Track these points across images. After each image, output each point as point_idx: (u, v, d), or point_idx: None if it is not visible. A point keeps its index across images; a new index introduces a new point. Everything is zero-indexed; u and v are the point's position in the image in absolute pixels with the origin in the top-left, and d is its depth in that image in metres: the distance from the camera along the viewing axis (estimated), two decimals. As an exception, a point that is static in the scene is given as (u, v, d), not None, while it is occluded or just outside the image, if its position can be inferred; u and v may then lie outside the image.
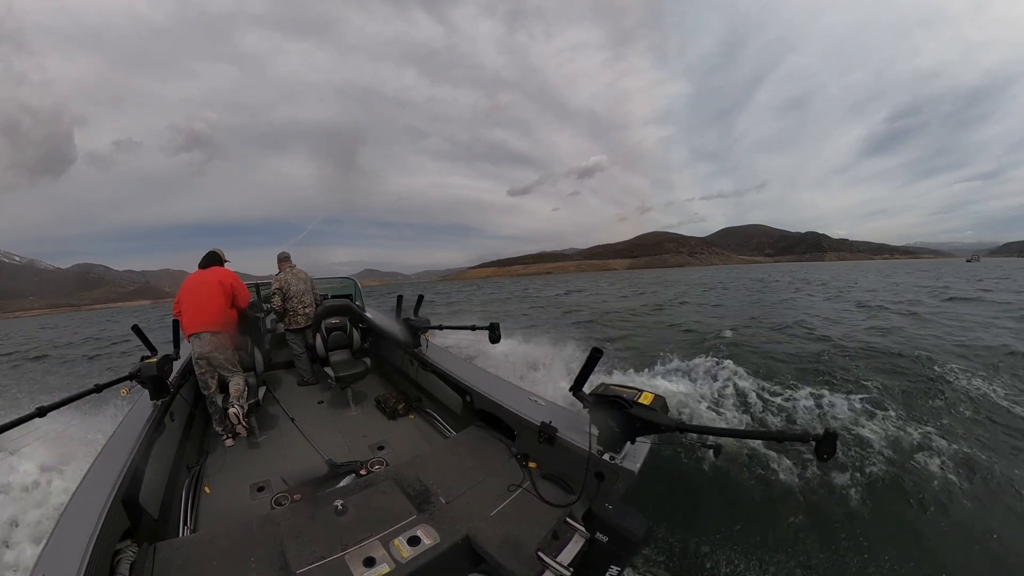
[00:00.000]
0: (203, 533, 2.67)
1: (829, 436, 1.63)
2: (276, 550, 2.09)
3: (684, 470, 4.26)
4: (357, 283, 7.30)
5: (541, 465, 2.67)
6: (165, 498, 3.00)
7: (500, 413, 3.06)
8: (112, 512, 2.05)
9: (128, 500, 2.35)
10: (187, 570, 2.00)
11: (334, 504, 2.39)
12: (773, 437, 1.81)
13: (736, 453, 4.36)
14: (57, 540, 1.86)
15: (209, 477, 3.39)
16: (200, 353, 3.75)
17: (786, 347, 8.83)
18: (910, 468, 4.25)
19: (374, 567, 1.96)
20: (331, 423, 4.26)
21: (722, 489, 4.07)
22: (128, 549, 2.07)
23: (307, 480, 3.19)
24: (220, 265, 4.16)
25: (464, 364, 3.90)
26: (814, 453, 1.67)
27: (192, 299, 3.84)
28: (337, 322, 4.80)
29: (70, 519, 1.99)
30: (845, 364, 7.38)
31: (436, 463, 2.83)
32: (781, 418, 5.52)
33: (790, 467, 4.20)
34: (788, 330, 10.78)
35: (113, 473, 2.33)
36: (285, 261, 5.20)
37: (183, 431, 3.85)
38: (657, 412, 2.08)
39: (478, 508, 2.35)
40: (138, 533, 2.34)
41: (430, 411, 4.20)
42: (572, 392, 2.42)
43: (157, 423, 3.13)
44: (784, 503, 3.86)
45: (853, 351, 8.25)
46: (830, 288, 25.81)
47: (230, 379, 3.85)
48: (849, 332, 10.32)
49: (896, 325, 11.26)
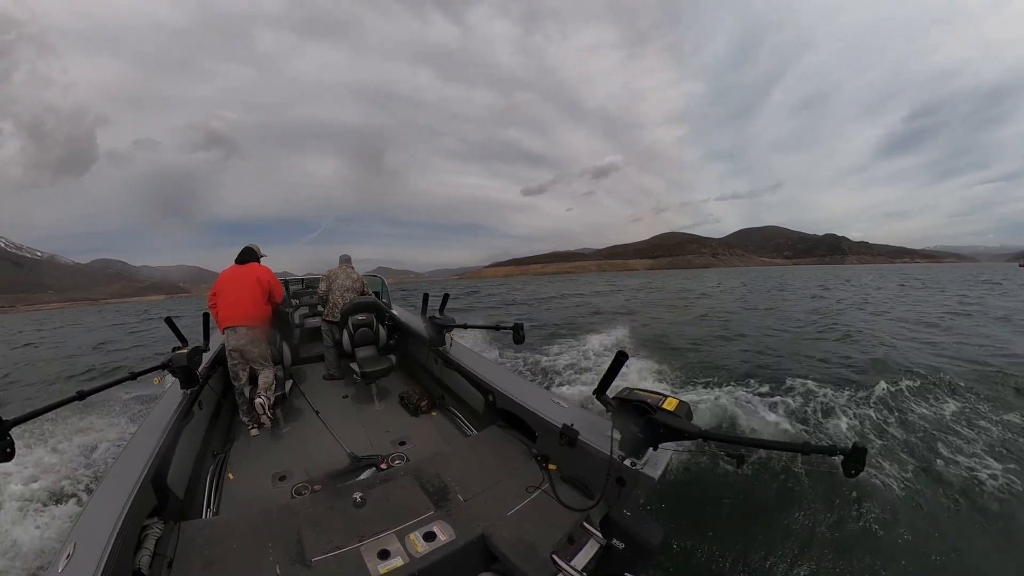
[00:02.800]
0: (224, 516, 2.80)
1: (858, 451, 1.54)
2: (293, 537, 2.15)
3: (704, 479, 4.12)
4: (384, 281, 7.45)
5: (561, 467, 2.63)
6: (191, 481, 3.10)
7: (522, 414, 3.02)
8: (142, 491, 2.17)
9: (157, 481, 2.47)
10: (207, 549, 2.09)
11: (353, 496, 2.42)
12: (798, 449, 1.74)
13: (759, 464, 4.19)
14: (90, 512, 2.00)
15: (233, 464, 3.47)
16: (234, 346, 3.82)
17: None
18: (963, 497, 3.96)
19: (388, 560, 1.98)
20: (355, 417, 4.28)
21: (743, 501, 3.91)
22: (155, 525, 2.18)
23: (328, 472, 3.21)
24: (256, 261, 4.23)
25: (488, 363, 3.88)
26: (841, 468, 1.59)
27: (230, 294, 3.91)
28: (364, 319, 4.84)
29: (104, 494, 2.14)
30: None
31: (456, 461, 2.83)
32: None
33: (815, 481, 3.99)
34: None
35: (144, 455, 2.45)
36: (345, 262, 5.42)
37: (210, 419, 3.96)
38: (681, 419, 2.02)
39: (495, 507, 2.33)
40: (164, 511, 2.45)
41: (452, 409, 4.20)
42: (595, 395, 2.38)
43: (186, 410, 3.25)
44: (807, 518, 3.68)
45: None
46: (930, 300, 20.37)
47: (260, 372, 3.91)
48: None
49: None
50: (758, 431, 5.23)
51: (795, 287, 32.96)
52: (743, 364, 8.41)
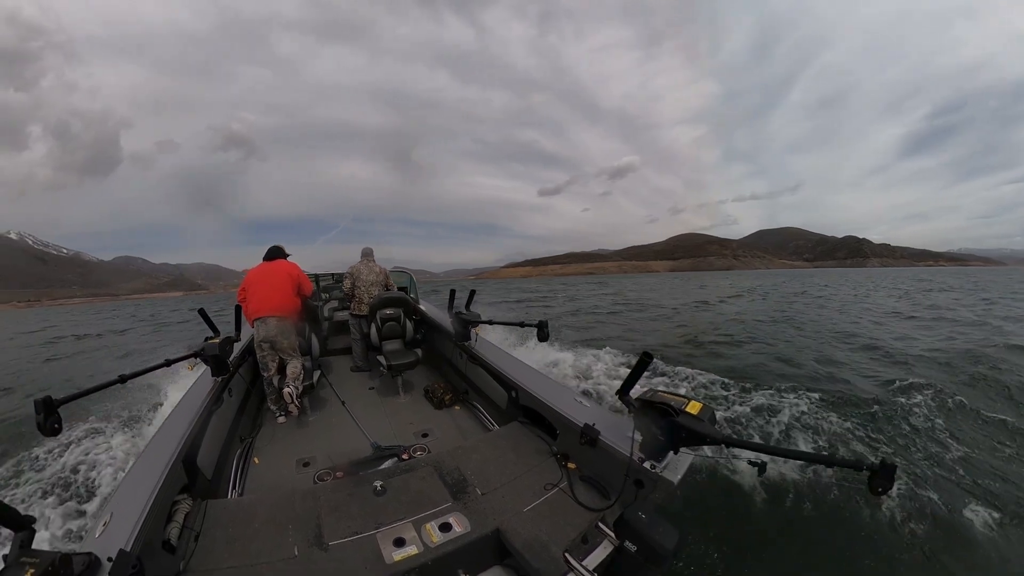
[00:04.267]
0: (249, 497, 2.89)
1: (886, 468, 1.47)
2: (313, 521, 2.22)
3: (724, 485, 4.01)
4: (412, 277, 7.56)
5: (580, 466, 2.60)
6: (219, 463, 3.20)
7: (544, 411, 3.01)
8: (173, 469, 2.29)
9: (187, 461, 2.58)
10: (231, 527, 2.20)
11: (374, 484, 2.48)
12: (822, 461, 1.69)
13: (782, 473, 4.05)
14: (127, 485, 2.15)
15: (259, 449, 3.55)
16: (265, 336, 3.91)
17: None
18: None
19: (403, 547, 2.02)
20: (380, 408, 4.34)
21: (762, 511, 3.79)
22: (184, 501, 2.30)
23: (351, 460, 3.26)
24: (284, 258, 4.34)
25: (512, 360, 3.88)
26: (867, 484, 1.52)
27: (261, 287, 4.02)
28: (392, 313, 4.91)
29: (139, 470, 2.28)
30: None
31: (476, 454, 2.83)
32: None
33: (841, 496, 3.82)
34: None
35: (176, 436, 2.57)
36: (367, 256, 5.47)
37: (239, 406, 4.06)
38: (704, 423, 1.97)
39: (512, 503, 2.33)
40: (193, 490, 2.54)
41: (475, 404, 4.22)
42: (618, 396, 2.35)
43: (216, 397, 3.35)
44: (829, 534, 3.53)
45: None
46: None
47: (288, 362, 4.00)
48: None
49: None
50: (784, 439, 5.04)
51: (852, 293, 29.02)
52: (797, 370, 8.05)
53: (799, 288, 34.79)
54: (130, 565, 1.57)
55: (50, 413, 2.09)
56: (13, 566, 1.23)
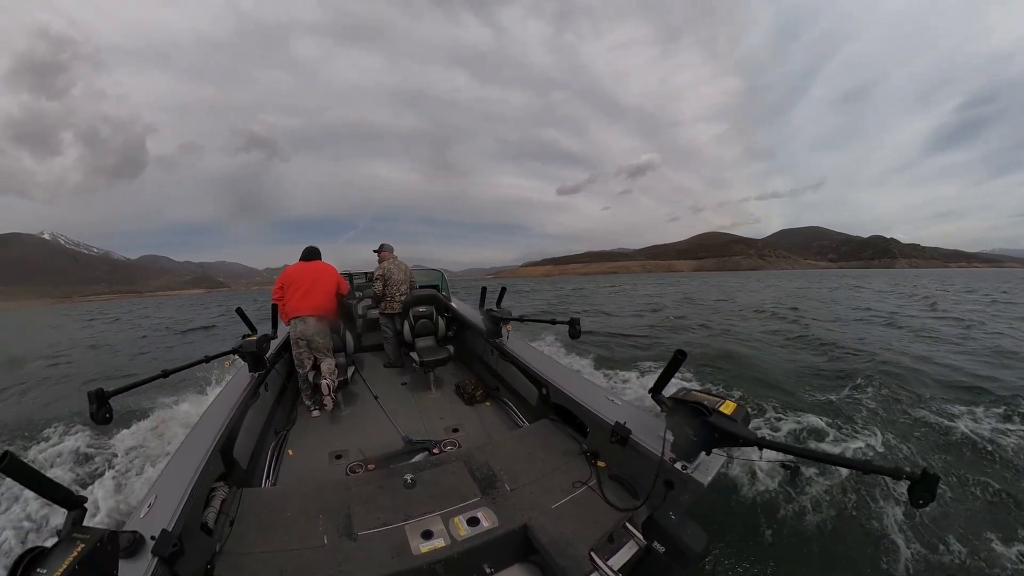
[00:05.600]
0: (282, 487, 2.99)
1: (928, 478, 1.39)
2: (344, 511, 2.27)
3: (755, 488, 3.85)
4: (444, 275, 7.62)
5: (610, 465, 2.57)
6: (254, 454, 3.28)
7: (575, 409, 2.98)
8: (211, 458, 2.39)
9: (225, 450, 2.67)
10: (265, 514, 2.28)
11: (404, 477, 2.52)
12: (859, 467, 1.60)
13: (815, 478, 3.87)
14: (169, 471, 2.25)
15: (293, 442, 3.62)
16: (302, 334, 3.97)
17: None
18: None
19: (431, 540, 2.05)
20: (412, 403, 4.38)
21: (793, 517, 3.61)
22: (221, 489, 2.38)
23: (383, 453, 3.30)
24: (319, 259, 4.39)
25: (543, 357, 3.86)
26: (907, 495, 1.43)
27: (300, 286, 4.07)
28: (424, 310, 4.96)
29: (180, 457, 2.38)
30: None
31: (506, 451, 2.83)
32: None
33: (879, 506, 3.59)
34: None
35: (214, 428, 2.66)
36: (389, 251, 5.48)
37: (275, 400, 4.14)
38: (738, 423, 1.91)
39: (540, 500, 2.32)
40: (230, 478, 2.65)
41: (506, 400, 4.22)
42: (651, 394, 2.29)
43: (253, 391, 3.43)
44: (865, 548, 3.31)
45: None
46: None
47: (323, 360, 4.05)
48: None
49: None
50: (817, 444, 4.77)
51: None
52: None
53: (905, 290, 30.71)
54: (171, 544, 1.66)
55: (102, 404, 2.27)
56: (66, 540, 1.30)
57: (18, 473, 1.39)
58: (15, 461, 1.37)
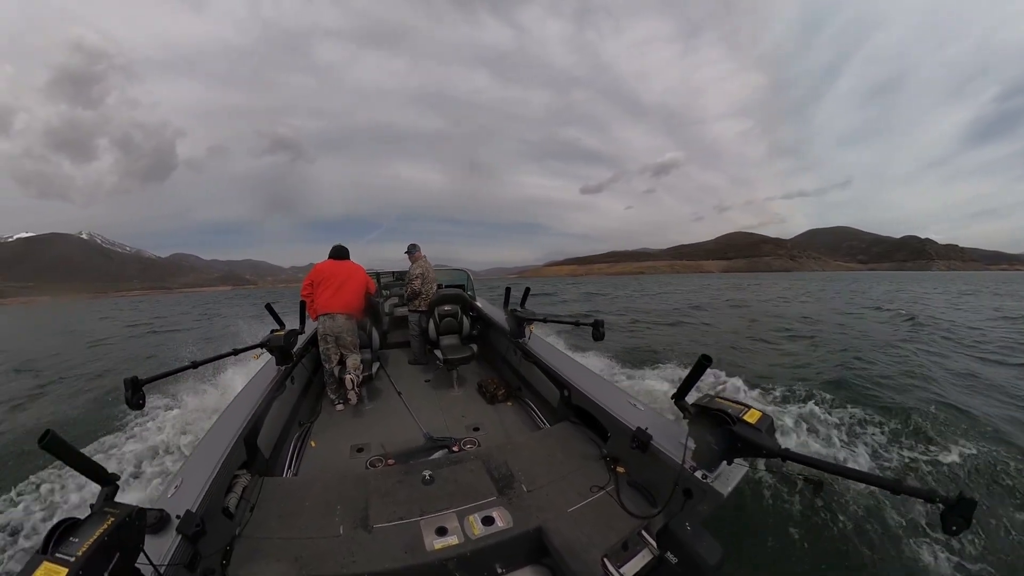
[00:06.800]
0: (302, 477, 3.08)
1: (964, 503, 1.31)
2: (361, 504, 2.30)
3: (775, 501, 3.66)
4: (469, 275, 7.74)
5: (629, 471, 2.53)
6: (277, 444, 3.36)
7: (596, 412, 2.94)
8: (236, 446, 2.48)
9: (248, 439, 2.74)
10: (284, 503, 2.36)
11: (423, 473, 2.53)
12: (888, 486, 1.50)
13: (840, 495, 3.63)
14: (196, 456, 2.38)
15: (316, 434, 3.69)
16: (330, 331, 4.05)
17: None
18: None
19: (444, 537, 2.06)
20: (434, 401, 4.41)
21: (814, 534, 3.40)
22: (243, 476, 2.48)
23: (403, 448, 3.34)
24: (348, 258, 4.46)
25: (566, 359, 3.84)
26: (940, 520, 1.36)
27: (330, 284, 4.15)
28: (449, 309, 5.00)
29: (207, 443, 2.49)
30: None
31: (526, 451, 2.81)
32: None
33: (911, 531, 3.33)
34: None
35: (240, 417, 2.75)
36: (419, 251, 5.58)
37: (300, 393, 4.22)
38: (762, 433, 1.85)
39: (557, 502, 2.30)
40: (252, 466, 2.72)
41: (528, 401, 4.20)
42: (674, 400, 2.25)
43: (279, 384, 3.51)
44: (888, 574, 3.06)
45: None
46: None
47: (349, 355, 4.12)
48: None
49: None
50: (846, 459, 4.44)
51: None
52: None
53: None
54: (194, 524, 1.76)
55: (136, 390, 2.41)
56: (98, 513, 1.37)
57: (59, 450, 1.50)
58: (56, 439, 1.48)
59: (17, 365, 11.42)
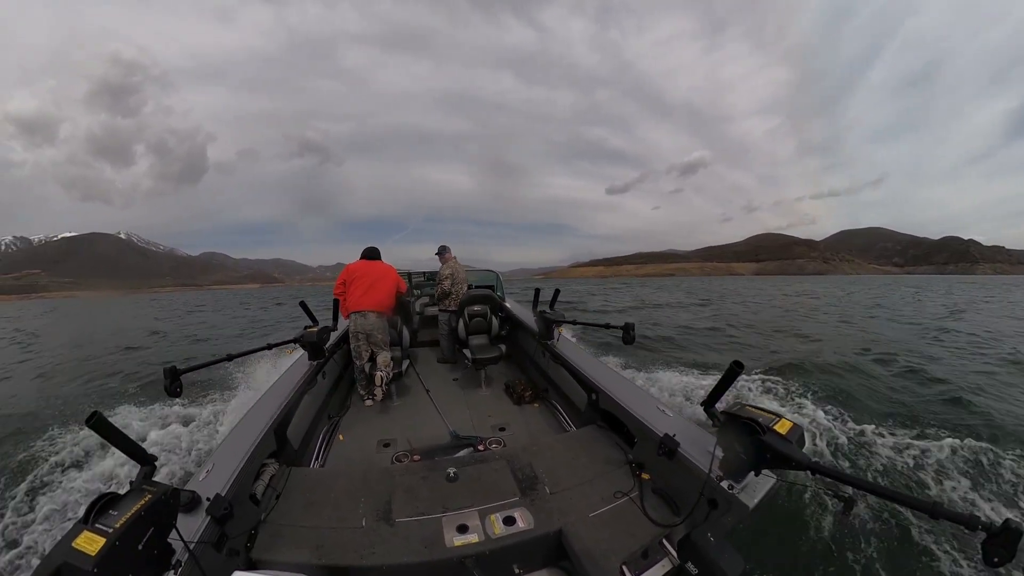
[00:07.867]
0: (329, 469, 3.17)
1: (1011, 532, 1.20)
2: (385, 498, 2.35)
3: (801, 517, 3.52)
4: (499, 276, 7.86)
5: (654, 478, 2.50)
6: (306, 436, 3.44)
7: (624, 417, 2.92)
8: (266, 436, 2.58)
9: (278, 430, 2.84)
10: (310, 493, 2.43)
11: (447, 471, 2.56)
12: (926, 509, 1.40)
13: (872, 514, 3.53)
14: (227, 443, 2.49)
15: (344, 428, 3.78)
16: (362, 328, 4.15)
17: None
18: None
19: (465, 534, 2.08)
20: (461, 399, 4.46)
21: (842, 555, 3.26)
22: (272, 465, 2.57)
23: (429, 445, 3.39)
24: (379, 258, 4.56)
25: (594, 362, 3.81)
26: (980, 549, 1.26)
27: (363, 283, 4.26)
28: (479, 309, 5.04)
29: (238, 431, 2.60)
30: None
31: (550, 453, 2.81)
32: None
33: (946, 558, 3.14)
34: None
35: (271, 408, 2.86)
36: (449, 252, 5.67)
37: (331, 388, 4.33)
38: (792, 445, 1.78)
39: (579, 506, 2.29)
40: (281, 456, 2.81)
41: (555, 403, 4.20)
42: (703, 407, 2.22)
43: (310, 378, 3.61)
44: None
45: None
46: None
47: (380, 353, 4.21)
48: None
49: None
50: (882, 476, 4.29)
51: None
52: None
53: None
54: (222, 507, 1.84)
55: (174, 379, 2.51)
56: (136, 490, 1.46)
57: (104, 430, 1.61)
58: (102, 420, 1.59)
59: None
